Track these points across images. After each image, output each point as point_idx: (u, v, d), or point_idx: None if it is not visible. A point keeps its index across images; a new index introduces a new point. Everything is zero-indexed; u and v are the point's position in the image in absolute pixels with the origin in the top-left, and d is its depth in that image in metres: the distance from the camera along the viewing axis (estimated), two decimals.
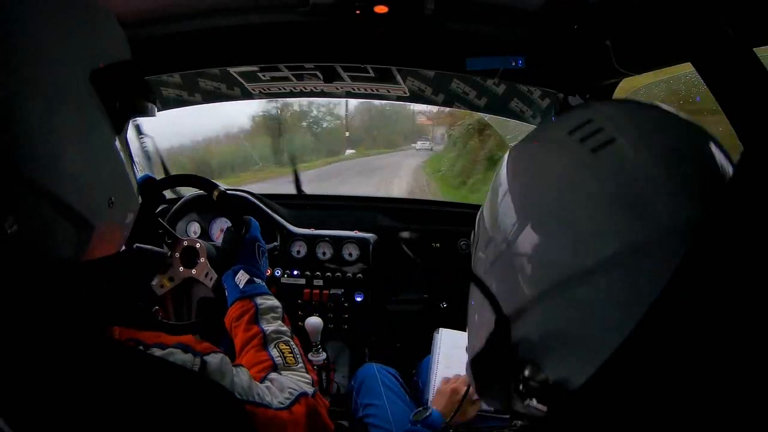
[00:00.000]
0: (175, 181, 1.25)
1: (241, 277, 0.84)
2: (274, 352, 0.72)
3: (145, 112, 0.50)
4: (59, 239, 0.41)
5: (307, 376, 0.72)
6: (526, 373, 0.38)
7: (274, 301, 0.82)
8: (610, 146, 0.35)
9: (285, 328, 0.78)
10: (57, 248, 0.41)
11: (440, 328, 1.15)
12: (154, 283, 1.21)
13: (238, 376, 0.57)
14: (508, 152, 0.45)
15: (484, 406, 0.91)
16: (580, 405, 0.35)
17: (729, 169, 0.34)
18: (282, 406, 0.61)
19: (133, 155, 0.52)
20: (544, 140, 0.42)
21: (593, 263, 0.33)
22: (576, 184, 0.36)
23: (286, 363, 0.71)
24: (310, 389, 0.68)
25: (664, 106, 0.39)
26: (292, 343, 0.75)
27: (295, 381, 0.68)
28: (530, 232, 0.37)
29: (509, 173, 0.42)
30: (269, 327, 0.76)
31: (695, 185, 0.33)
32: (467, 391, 0.83)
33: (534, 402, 0.37)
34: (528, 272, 0.37)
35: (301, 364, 0.73)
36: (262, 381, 0.65)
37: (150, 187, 1.25)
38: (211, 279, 1.22)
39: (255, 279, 0.84)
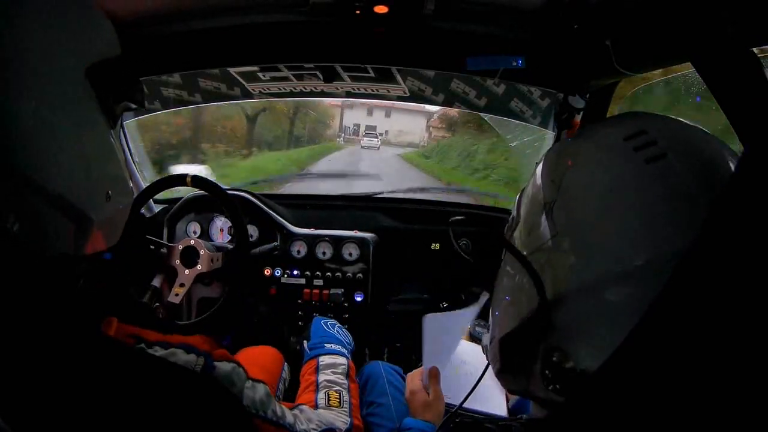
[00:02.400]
0: (148, 193, 1.26)
1: (311, 342, 0.95)
2: (321, 395, 0.77)
3: (139, 106, 0.51)
4: (59, 235, 0.41)
5: (345, 417, 0.73)
6: (554, 359, 0.40)
7: (337, 359, 0.89)
8: (663, 161, 0.38)
9: (342, 380, 0.83)
10: (57, 244, 0.41)
11: (425, 315, 1.12)
12: (154, 283, 1.21)
13: (253, 389, 0.56)
14: (556, 145, 0.47)
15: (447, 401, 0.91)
16: (590, 396, 0.35)
17: None
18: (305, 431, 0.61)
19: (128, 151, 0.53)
20: (599, 141, 0.44)
21: (631, 266, 0.36)
22: (628, 189, 0.38)
23: (329, 404, 0.75)
24: (342, 425, 0.69)
25: (705, 129, 0.42)
26: (344, 393, 0.79)
27: (327, 417, 0.69)
28: (578, 226, 0.40)
29: (557, 166, 0.44)
30: (323, 377, 0.83)
31: None
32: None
33: (557, 388, 0.39)
34: (571, 264, 0.39)
35: (345, 408, 0.75)
36: (291, 409, 0.64)
37: (147, 189, 1.25)
38: (218, 260, 1.23)
39: (324, 344, 0.92)
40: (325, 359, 0.87)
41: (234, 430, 0.50)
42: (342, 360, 0.89)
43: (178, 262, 1.22)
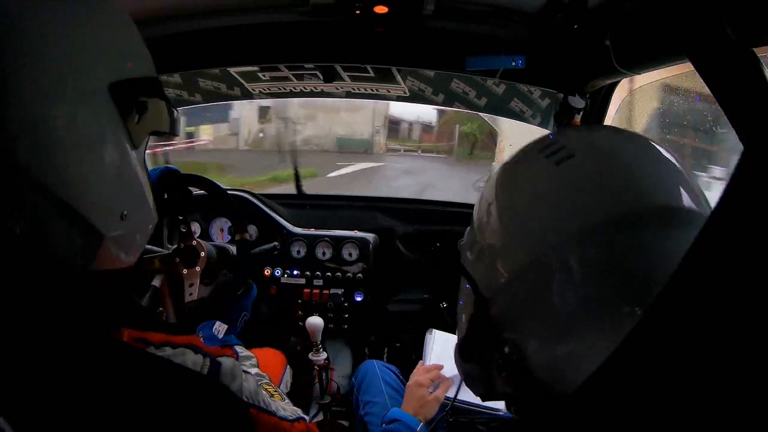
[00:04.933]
0: (208, 187, 1.23)
1: (220, 328, 0.91)
2: (262, 392, 0.75)
3: (167, 131, 0.50)
4: (65, 246, 0.41)
5: (298, 409, 0.75)
6: (506, 350, 0.44)
7: (249, 352, 0.87)
8: (570, 160, 0.43)
9: (262, 372, 0.81)
10: (63, 255, 0.41)
11: (432, 329, 1.15)
12: (155, 283, 1.21)
13: (248, 380, 0.59)
14: (495, 172, 0.53)
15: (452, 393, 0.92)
16: (575, 404, 0.35)
17: (661, 172, 0.42)
18: (286, 418, 0.65)
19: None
20: (521, 158, 0.51)
21: (548, 248, 0.41)
22: (543, 187, 0.44)
23: (273, 399, 0.74)
24: (306, 417, 0.72)
25: (618, 128, 0.48)
26: (273, 385, 0.78)
27: (291, 407, 0.72)
28: (504, 225, 0.46)
29: (493, 184, 0.51)
30: (250, 371, 0.79)
31: (626, 189, 0.41)
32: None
33: (510, 377, 0.44)
34: (501, 258, 0.45)
35: (287, 401, 0.76)
36: (269, 396, 0.67)
37: (174, 178, 1.22)
38: (190, 294, 1.20)
39: (232, 335, 0.91)
40: (240, 350, 0.86)
41: (238, 427, 0.51)
42: (252, 354, 0.87)
43: (177, 260, 1.22)
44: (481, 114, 1.64)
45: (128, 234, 0.46)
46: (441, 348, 1.08)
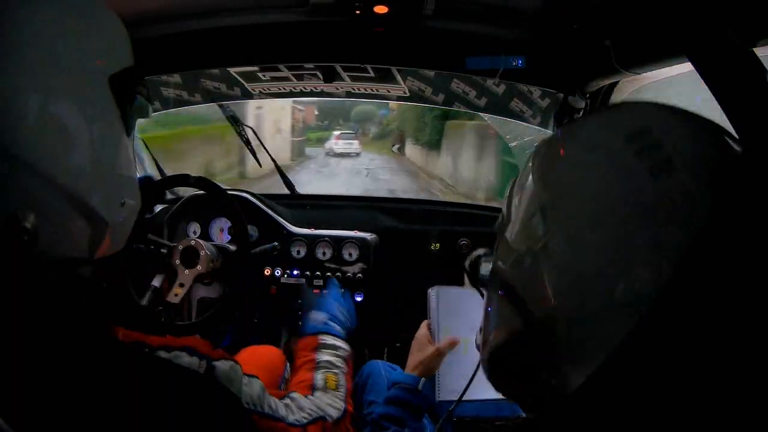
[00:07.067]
0: (185, 182, 1.24)
1: (317, 317, 0.93)
2: (319, 376, 0.76)
3: (145, 114, 0.52)
4: (76, 237, 0.43)
5: (340, 402, 0.72)
6: (544, 376, 0.38)
7: (339, 342, 0.88)
8: (670, 173, 0.33)
9: (341, 364, 0.82)
10: (74, 246, 0.43)
11: (435, 287, 1.05)
12: (155, 283, 1.21)
13: (249, 386, 0.57)
14: (548, 138, 0.43)
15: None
16: (580, 403, 0.35)
17: None
18: (297, 423, 0.62)
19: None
20: (595, 140, 0.38)
21: (630, 294, 0.32)
22: (631, 204, 0.33)
23: (326, 386, 0.75)
24: (334, 413, 0.69)
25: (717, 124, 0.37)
26: (341, 376, 0.78)
27: (320, 404, 0.69)
28: (568, 243, 0.35)
29: (550, 166, 0.40)
30: (324, 357, 0.82)
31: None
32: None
33: (545, 406, 0.39)
34: (559, 281, 0.36)
35: (340, 393, 0.75)
36: (282, 398, 0.65)
37: (149, 188, 1.25)
38: (175, 295, 1.19)
39: (329, 322, 0.92)
40: (326, 338, 0.87)
41: (237, 429, 0.51)
42: (343, 344, 0.88)
43: (178, 262, 1.22)
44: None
45: (125, 220, 0.49)
46: (447, 305, 1.00)
